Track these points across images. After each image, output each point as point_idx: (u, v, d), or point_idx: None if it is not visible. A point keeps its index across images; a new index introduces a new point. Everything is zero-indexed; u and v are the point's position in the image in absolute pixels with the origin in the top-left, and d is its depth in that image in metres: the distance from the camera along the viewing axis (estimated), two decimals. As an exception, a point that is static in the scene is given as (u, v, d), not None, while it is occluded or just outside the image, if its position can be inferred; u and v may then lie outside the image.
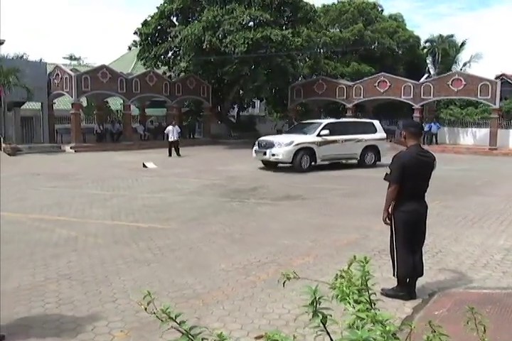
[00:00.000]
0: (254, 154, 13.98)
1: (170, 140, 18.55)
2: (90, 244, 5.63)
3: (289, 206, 8.13)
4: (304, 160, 13.36)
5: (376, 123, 15.30)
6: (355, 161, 14.92)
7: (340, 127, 14.41)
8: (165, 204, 8.33)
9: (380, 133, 14.95)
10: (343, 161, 14.92)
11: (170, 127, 18.85)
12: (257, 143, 14.05)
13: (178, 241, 5.77)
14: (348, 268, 1.26)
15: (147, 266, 4.79)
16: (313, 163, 13.64)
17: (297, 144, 13.27)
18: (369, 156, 14.79)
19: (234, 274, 4.47)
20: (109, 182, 11.23)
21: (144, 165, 14.81)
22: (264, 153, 13.51)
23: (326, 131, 13.68)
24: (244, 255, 5.13)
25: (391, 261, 3.93)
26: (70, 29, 75.50)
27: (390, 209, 3.80)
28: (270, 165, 13.85)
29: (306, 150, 13.39)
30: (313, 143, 13.54)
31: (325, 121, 14.65)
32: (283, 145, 13.20)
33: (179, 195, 9.38)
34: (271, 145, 13.42)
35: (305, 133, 13.91)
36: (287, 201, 8.57)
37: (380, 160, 14.82)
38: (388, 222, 3.85)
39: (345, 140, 14.14)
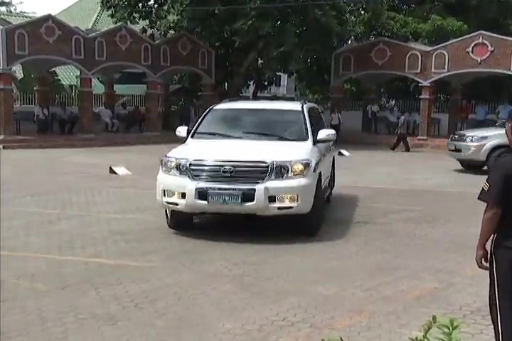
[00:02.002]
0: None
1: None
2: (25, 290, 5.75)
3: (329, 235, 8.35)
4: None
5: None
6: None
7: None
8: (142, 230, 8.54)
9: None
10: None
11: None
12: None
13: (160, 286, 5.95)
14: (425, 336, 1.30)
15: (112, 325, 4.90)
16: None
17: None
18: None
19: (245, 340, 4.59)
20: (57, 196, 11.41)
21: (112, 171, 15.00)
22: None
23: None
24: (259, 309, 5.29)
25: (493, 326, 3.95)
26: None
27: (488, 245, 3.85)
28: None
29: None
30: None
31: None
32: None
33: (162, 216, 9.53)
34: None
35: None
36: (326, 227, 8.82)
37: None
38: (486, 264, 3.90)
39: None
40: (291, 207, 7.69)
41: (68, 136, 24.07)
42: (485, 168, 15.56)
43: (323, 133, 8.96)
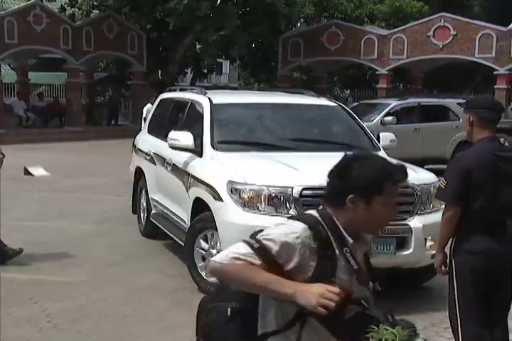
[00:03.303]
0: None
1: None
2: None
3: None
4: None
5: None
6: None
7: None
8: (63, 241, 8.34)
9: None
10: None
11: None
12: None
13: (83, 303, 5.85)
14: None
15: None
16: None
17: None
18: None
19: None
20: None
21: (28, 172, 14.75)
22: None
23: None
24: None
25: (454, 339, 4.08)
26: None
27: (447, 249, 3.93)
28: None
29: None
30: None
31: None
32: None
33: (89, 223, 9.46)
34: None
35: None
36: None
37: None
38: (445, 270, 3.97)
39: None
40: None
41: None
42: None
43: (387, 139, 7.43)
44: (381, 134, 7.52)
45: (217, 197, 5.90)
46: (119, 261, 7.32)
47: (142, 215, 8.83)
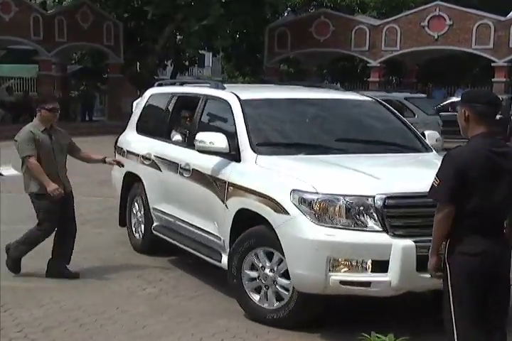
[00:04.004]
0: None
1: None
2: None
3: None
4: None
5: None
6: None
7: None
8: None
9: None
10: None
11: None
12: None
13: (57, 311, 5.82)
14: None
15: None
16: None
17: None
18: None
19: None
20: None
21: (-4, 171, 14.61)
22: None
23: None
24: (179, 335, 5.26)
25: None
26: None
27: (441, 251, 3.91)
28: None
29: None
30: None
31: None
32: None
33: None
34: None
35: None
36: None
37: None
38: (439, 273, 3.96)
39: None
40: None
41: None
42: None
43: (433, 138, 7.08)
44: (426, 133, 7.10)
45: (279, 209, 5.31)
46: (96, 266, 7.26)
47: (136, 228, 8.14)
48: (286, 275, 5.28)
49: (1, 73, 29.10)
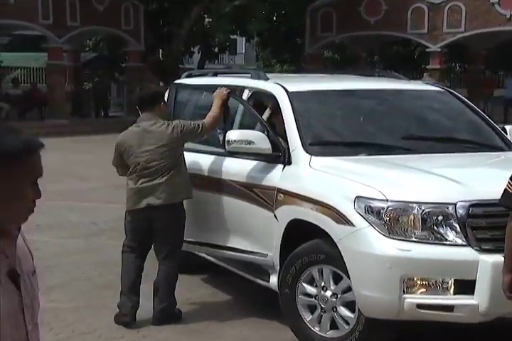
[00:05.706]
0: None
1: None
2: None
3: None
4: None
5: None
6: None
7: None
8: (42, 258, 8.06)
9: None
10: None
11: None
12: None
13: (68, 336, 5.94)
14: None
15: None
16: None
17: None
18: None
19: None
20: None
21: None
22: None
23: None
24: None
25: None
26: None
27: None
28: None
29: None
30: None
31: None
32: None
33: (74, 236, 9.61)
34: None
35: None
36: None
37: None
38: None
39: None
40: None
41: None
42: None
43: None
44: (508, 128, 6.96)
45: (342, 220, 5.17)
46: (112, 282, 7.21)
47: None
48: (351, 306, 5.18)
49: (5, 63, 29.42)
